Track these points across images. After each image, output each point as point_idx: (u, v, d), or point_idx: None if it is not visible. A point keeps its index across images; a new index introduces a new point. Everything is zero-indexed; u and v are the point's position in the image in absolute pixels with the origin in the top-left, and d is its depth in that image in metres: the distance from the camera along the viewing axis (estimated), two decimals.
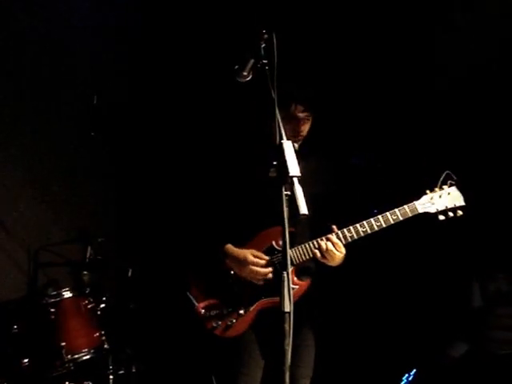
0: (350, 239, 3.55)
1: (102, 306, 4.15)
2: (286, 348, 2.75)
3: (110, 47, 5.20)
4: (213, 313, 3.58)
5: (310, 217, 2.79)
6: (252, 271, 3.53)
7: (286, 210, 2.79)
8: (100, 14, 5.13)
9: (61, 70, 4.90)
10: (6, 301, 4.16)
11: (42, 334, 3.95)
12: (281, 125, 2.89)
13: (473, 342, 4.89)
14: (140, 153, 5.11)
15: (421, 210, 3.61)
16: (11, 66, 4.64)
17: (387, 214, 3.55)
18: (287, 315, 2.74)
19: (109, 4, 5.18)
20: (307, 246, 3.55)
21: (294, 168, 2.81)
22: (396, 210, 3.57)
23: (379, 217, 3.54)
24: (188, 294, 3.62)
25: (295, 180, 2.80)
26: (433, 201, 3.63)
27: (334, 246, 3.51)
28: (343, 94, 5.37)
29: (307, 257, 3.55)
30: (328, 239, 3.53)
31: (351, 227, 3.55)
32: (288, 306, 2.74)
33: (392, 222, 3.55)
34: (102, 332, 4.09)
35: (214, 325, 3.56)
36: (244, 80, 3.06)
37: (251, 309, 3.55)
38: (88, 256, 4.26)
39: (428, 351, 4.97)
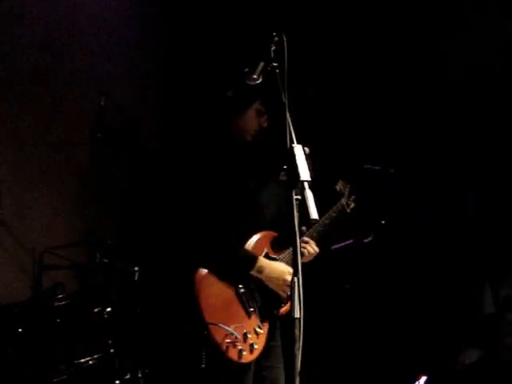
0: (315, 238, 3.66)
1: (108, 309, 4.12)
2: (296, 353, 2.72)
3: (115, 48, 5.17)
4: (236, 339, 3.34)
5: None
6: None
7: (296, 214, 2.77)
8: (104, 14, 5.11)
9: (67, 69, 4.88)
10: (11, 303, 4.12)
11: (47, 338, 3.92)
12: (291, 128, 2.86)
13: (485, 349, 4.87)
14: (148, 155, 5.09)
15: (348, 209, 3.84)
16: (17, 64, 4.62)
17: (330, 211, 3.74)
18: (297, 321, 2.73)
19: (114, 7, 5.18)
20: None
21: (304, 172, 2.79)
22: (334, 206, 3.77)
23: (326, 215, 3.72)
24: (222, 325, 3.30)
25: (306, 184, 2.78)
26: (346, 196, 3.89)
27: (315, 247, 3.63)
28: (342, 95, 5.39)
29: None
30: (308, 242, 3.60)
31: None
32: (298, 312, 2.72)
33: (334, 218, 3.75)
34: (108, 336, 4.07)
35: (244, 352, 3.34)
36: (254, 83, 3.03)
37: (265, 324, 3.46)
38: (94, 259, 4.23)
39: (440, 358, 4.95)
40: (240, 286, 3.45)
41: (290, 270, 3.42)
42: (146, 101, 5.36)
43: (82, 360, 3.95)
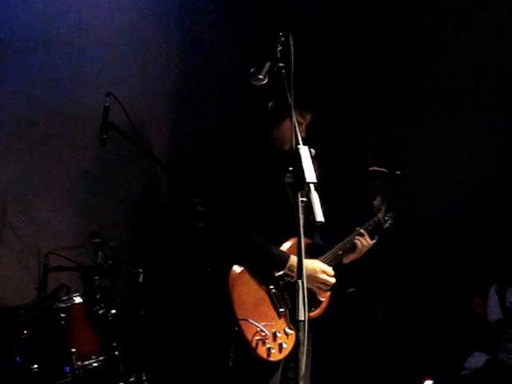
0: (349, 248, 3.83)
1: (113, 311, 4.10)
2: (300, 357, 2.71)
3: (120, 47, 5.16)
4: (265, 336, 3.40)
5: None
6: (326, 281, 3.58)
7: (301, 217, 2.75)
8: (114, 11, 5.10)
9: (72, 70, 4.87)
10: (15, 305, 4.12)
11: (51, 340, 3.90)
12: (297, 129, 2.85)
13: (491, 355, 4.85)
14: (155, 157, 5.07)
15: (385, 224, 3.99)
16: (26, 63, 4.61)
17: (366, 224, 3.91)
18: (302, 324, 2.71)
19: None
20: (337, 249, 3.73)
21: (310, 174, 2.77)
22: (370, 220, 3.95)
23: (362, 227, 3.89)
24: (252, 321, 3.36)
25: (311, 186, 2.77)
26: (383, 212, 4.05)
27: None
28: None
29: (338, 259, 3.74)
30: (363, 235, 3.80)
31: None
32: (302, 315, 2.71)
33: (369, 232, 3.90)
34: (113, 338, 4.05)
35: (273, 351, 3.41)
36: (260, 83, 3.02)
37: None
38: (99, 261, 4.22)
39: (446, 363, 4.93)
40: (271, 287, 3.50)
41: (323, 267, 3.57)
42: (155, 101, 5.34)
43: (86, 362, 3.92)
